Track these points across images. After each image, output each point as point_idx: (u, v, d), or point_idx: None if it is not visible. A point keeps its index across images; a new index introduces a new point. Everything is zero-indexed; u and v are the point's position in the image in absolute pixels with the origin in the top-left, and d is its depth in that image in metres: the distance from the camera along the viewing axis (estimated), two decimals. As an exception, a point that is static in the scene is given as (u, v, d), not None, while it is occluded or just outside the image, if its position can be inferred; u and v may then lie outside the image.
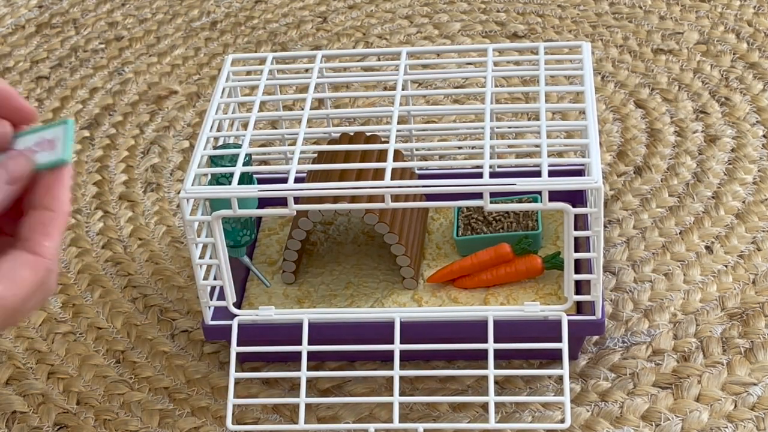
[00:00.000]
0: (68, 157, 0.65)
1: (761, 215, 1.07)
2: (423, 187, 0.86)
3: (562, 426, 0.84)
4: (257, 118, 0.93)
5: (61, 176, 0.65)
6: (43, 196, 0.65)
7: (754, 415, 0.89)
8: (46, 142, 0.66)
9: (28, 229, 0.64)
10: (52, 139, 0.66)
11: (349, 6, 1.44)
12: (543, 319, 0.89)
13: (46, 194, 0.65)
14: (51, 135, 0.66)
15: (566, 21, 1.37)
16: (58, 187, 0.65)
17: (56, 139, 0.66)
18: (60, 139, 0.65)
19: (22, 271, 0.63)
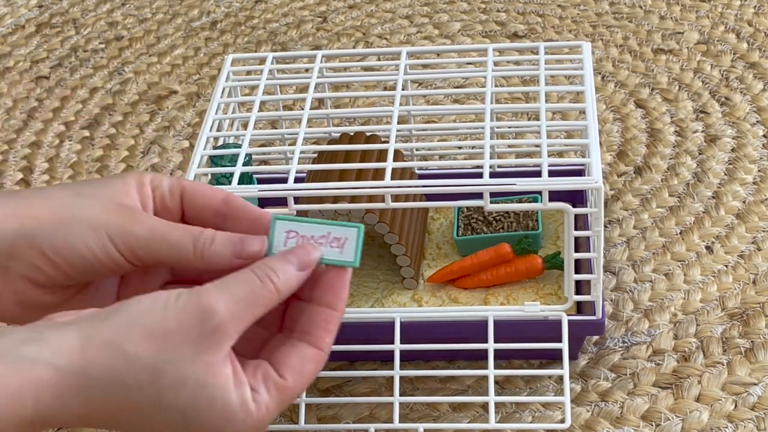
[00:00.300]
0: (357, 263, 0.69)
1: (761, 215, 1.07)
2: (423, 187, 0.86)
3: (562, 426, 0.84)
4: (257, 118, 0.93)
5: (345, 277, 0.69)
6: (327, 293, 0.69)
7: (755, 415, 0.89)
8: (333, 239, 0.70)
9: (310, 323, 0.69)
10: (341, 238, 0.70)
11: (349, 6, 1.44)
12: (543, 319, 0.89)
13: (329, 292, 0.69)
14: (339, 233, 0.70)
15: (566, 21, 1.37)
16: (340, 287, 0.69)
17: (345, 240, 0.70)
18: (350, 242, 0.70)
19: (309, 365, 0.68)
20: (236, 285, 0.66)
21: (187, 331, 0.64)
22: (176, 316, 0.65)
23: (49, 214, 0.72)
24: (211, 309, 0.65)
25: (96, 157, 1.23)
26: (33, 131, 1.27)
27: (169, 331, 0.64)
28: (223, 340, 0.65)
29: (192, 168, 0.88)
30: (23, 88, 1.35)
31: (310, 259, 0.69)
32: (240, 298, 0.66)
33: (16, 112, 1.31)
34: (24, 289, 0.73)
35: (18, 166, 1.23)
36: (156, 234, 0.71)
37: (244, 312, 0.66)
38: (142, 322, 0.65)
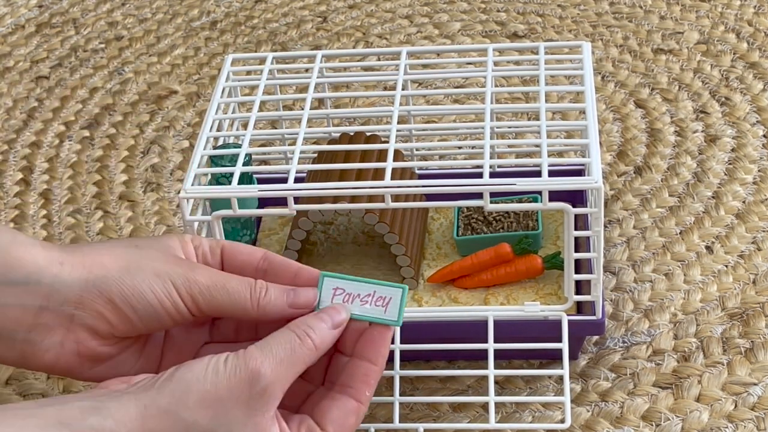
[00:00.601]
0: (400, 323, 0.74)
1: (761, 215, 1.07)
2: (423, 187, 0.86)
3: (563, 426, 0.84)
4: (257, 117, 0.93)
5: (387, 335, 0.74)
6: (368, 349, 0.74)
7: (755, 415, 0.89)
8: (378, 298, 0.74)
9: (351, 376, 0.74)
10: (385, 297, 0.74)
11: (349, 6, 1.44)
12: (543, 319, 0.89)
13: (371, 348, 0.74)
14: (384, 293, 0.74)
15: (566, 21, 1.37)
16: (382, 344, 0.74)
17: (390, 300, 0.74)
18: (394, 301, 0.74)
19: (350, 417, 0.73)
20: (278, 345, 0.71)
21: (238, 395, 0.69)
22: (227, 382, 0.69)
23: (115, 262, 0.75)
24: (257, 373, 0.70)
25: (96, 157, 1.23)
26: (33, 131, 1.27)
27: (221, 397, 0.69)
28: (270, 401, 0.70)
29: (192, 168, 0.88)
30: (23, 88, 1.35)
31: (341, 319, 0.74)
32: (282, 359, 0.71)
33: (16, 112, 1.31)
34: (85, 339, 0.76)
35: (18, 166, 1.23)
36: (216, 282, 0.75)
37: (288, 371, 0.71)
38: (197, 389, 0.69)
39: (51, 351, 0.75)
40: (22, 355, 0.76)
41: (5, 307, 0.75)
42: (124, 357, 0.77)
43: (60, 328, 0.75)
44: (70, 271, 0.75)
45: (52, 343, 0.75)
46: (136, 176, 1.20)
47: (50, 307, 0.75)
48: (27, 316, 0.75)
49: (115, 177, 1.20)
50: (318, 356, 0.73)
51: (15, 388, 0.97)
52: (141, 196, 1.17)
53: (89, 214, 1.15)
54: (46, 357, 0.76)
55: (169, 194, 1.17)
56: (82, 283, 0.75)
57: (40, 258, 0.75)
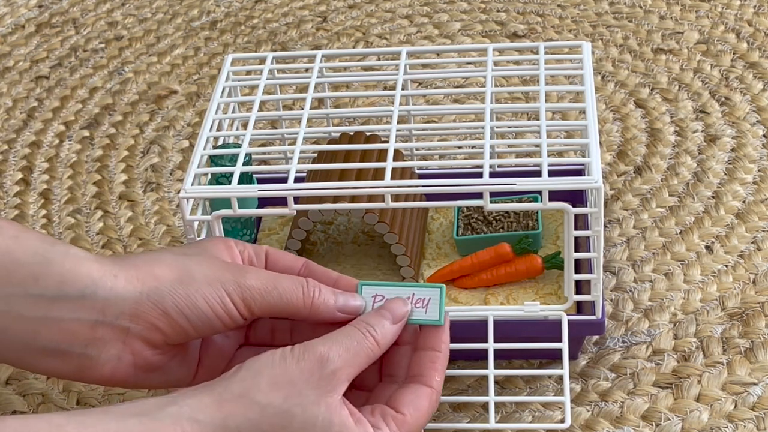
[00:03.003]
0: (442, 321, 0.77)
1: (761, 215, 1.07)
2: (423, 187, 0.86)
3: (562, 426, 0.84)
4: (257, 117, 0.93)
5: (444, 327, 0.78)
6: (430, 339, 0.77)
7: (755, 415, 0.89)
8: (417, 300, 0.77)
9: (421, 366, 0.76)
10: (424, 298, 0.77)
11: (349, 6, 1.44)
12: (543, 319, 0.89)
13: (432, 338, 0.77)
14: (423, 294, 0.77)
15: (566, 21, 1.37)
16: (443, 332, 0.78)
17: (429, 300, 0.77)
18: (433, 301, 0.77)
19: (422, 400, 0.75)
20: (343, 337, 0.73)
21: (309, 376, 0.71)
22: (297, 365, 0.72)
23: (168, 273, 0.76)
24: (326, 356, 0.72)
25: (96, 157, 1.23)
26: (33, 131, 1.27)
27: (292, 379, 0.71)
28: (339, 385, 0.72)
29: (192, 168, 0.88)
30: (23, 88, 1.35)
31: (403, 312, 0.77)
32: (348, 348, 0.73)
33: (16, 112, 1.31)
34: (141, 350, 0.77)
35: (18, 166, 1.23)
36: (268, 284, 0.76)
37: (354, 360, 0.73)
38: (268, 373, 0.71)
39: (109, 364, 0.76)
40: (79, 369, 0.77)
41: (61, 322, 0.75)
42: (173, 364, 0.78)
43: (116, 341, 0.76)
44: (124, 284, 0.75)
45: (110, 356, 0.76)
46: (136, 176, 1.20)
47: (106, 321, 0.75)
48: (83, 331, 0.75)
49: (115, 177, 1.20)
50: (381, 352, 0.75)
51: (15, 387, 0.97)
52: (141, 196, 1.17)
53: (89, 214, 1.15)
54: (104, 370, 0.76)
55: (169, 194, 1.17)
56: (136, 296, 0.75)
57: (95, 271, 0.75)
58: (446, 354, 0.77)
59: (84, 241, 1.12)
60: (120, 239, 1.12)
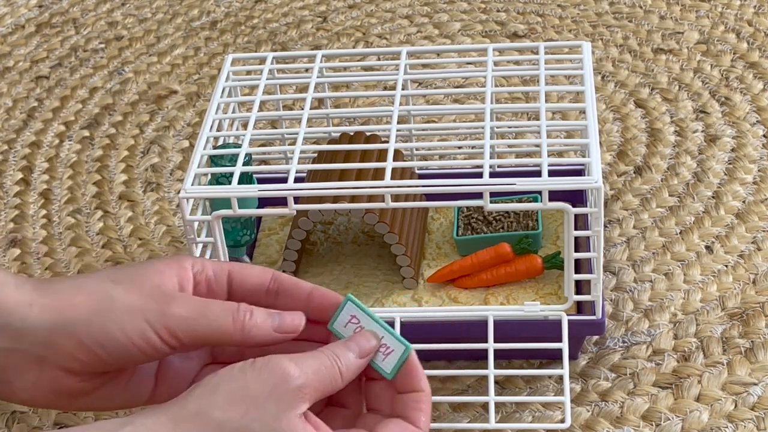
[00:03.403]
0: (392, 377, 0.73)
1: (761, 215, 1.07)
2: (423, 187, 0.86)
3: (563, 426, 0.84)
4: (257, 117, 0.93)
5: (414, 361, 0.73)
6: (409, 381, 0.73)
7: (755, 415, 0.89)
8: (384, 345, 0.73)
9: (406, 406, 0.72)
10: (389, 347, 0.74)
11: (349, 6, 1.44)
12: (543, 319, 0.89)
13: (410, 380, 0.73)
14: (390, 343, 0.74)
15: (566, 21, 1.37)
16: (416, 371, 0.73)
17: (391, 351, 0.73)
18: (394, 354, 0.73)
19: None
20: (310, 358, 0.70)
21: (271, 390, 0.68)
22: (257, 378, 0.68)
23: (85, 302, 0.74)
24: (290, 372, 0.69)
25: (96, 157, 1.23)
26: (33, 131, 1.27)
27: (252, 393, 0.68)
28: (302, 402, 0.69)
29: (192, 168, 0.88)
30: (23, 88, 1.34)
31: (370, 347, 0.73)
32: (316, 370, 0.70)
33: (16, 112, 1.31)
34: (59, 378, 0.74)
35: (18, 166, 1.23)
36: (195, 311, 0.73)
37: (319, 384, 0.70)
38: (225, 389, 0.68)
39: (26, 390, 0.75)
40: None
41: None
42: (108, 389, 0.76)
43: (32, 368, 0.74)
44: (38, 313, 0.73)
45: (26, 382, 0.74)
46: (136, 176, 1.20)
47: (20, 348, 0.73)
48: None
49: (115, 177, 1.20)
50: (343, 384, 0.72)
51: (15, 388, 0.97)
52: (141, 196, 1.16)
53: (89, 214, 1.15)
54: (22, 395, 0.75)
55: (169, 194, 1.17)
56: (50, 326, 0.73)
57: (11, 300, 0.74)
58: (429, 391, 0.74)
59: (84, 241, 1.12)
60: (120, 239, 1.12)
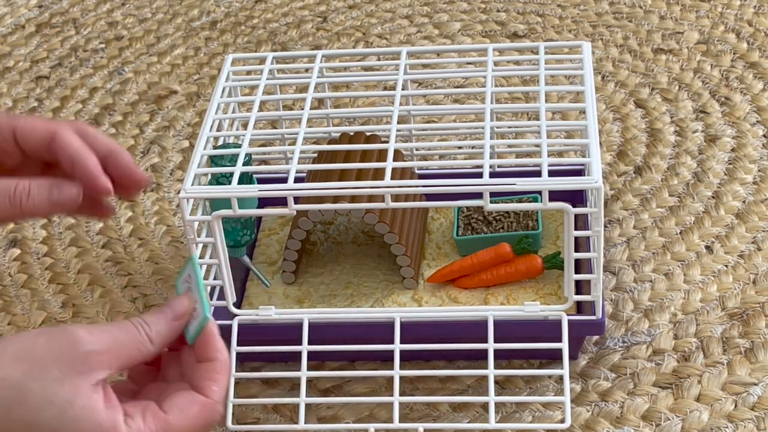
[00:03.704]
0: (209, 318, 0.74)
1: (761, 215, 1.07)
2: (423, 187, 0.86)
3: (563, 426, 0.84)
4: (257, 117, 0.93)
5: (211, 331, 0.74)
6: (203, 351, 0.74)
7: (755, 415, 0.89)
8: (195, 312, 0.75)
9: (199, 377, 0.73)
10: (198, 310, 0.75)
11: (349, 6, 1.44)
12: (543, 319, 0.89)
13: (205, 349, 0.74)
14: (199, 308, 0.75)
15: (566, 21, 1.37)
16: (212, 340, 0.74)
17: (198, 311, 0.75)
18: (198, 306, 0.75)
19: (194, 407, 0.72)
20: (112, 327, 0.72)
21: (57, 355, 0.69)
22: (48, 342, 0.69)
23: None
24: (80, 338, 0.69)
25: (96, 157, 1.22)
26: (33, 131, 1.27)
27: (38, 355, 0.69)
28: (94, 368, 0.69)
29: (192, 168, 0.88)
30: (23, 88, 1.34)
31: (183, 308, 0.74)
32: (116, 338, 0.71)
33: (16, 112, 1.31)
34: None
35: (18, 166, 1.22)
36: None
37: (120, 351, 0.71)
38: (13, 348, 0.69)
39: None
40: None
41: None
42: None
43: None
44: None
45: None
46: (136, 176, 1.19)
47: None
48: None
49: (115, 177, 1.20)
50: (155, 349, 0.73)
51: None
52: (141, 196, 1.16)
53: (89, 214, 1.15)
54: None
55: (169, 194, 1.17)
56: None
57: None
58: (225, 360, 0.74)
59: (84, 241, 1.12)
60: (120, 239, 1.12)
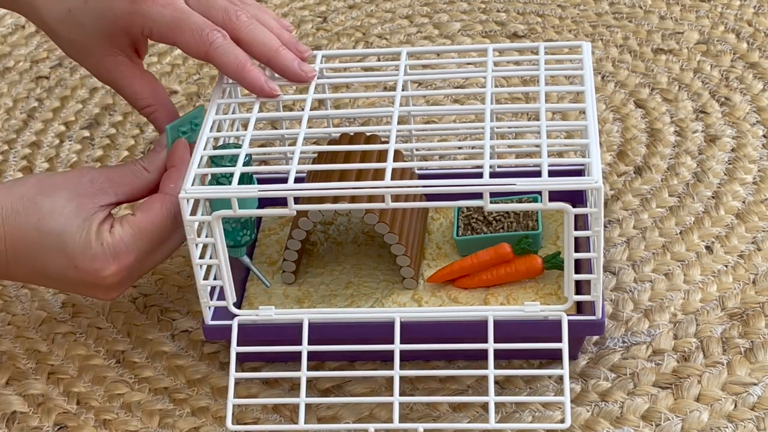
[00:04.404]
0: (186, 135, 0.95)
1: (761, 215, 1.07)
2: (423, 187, 0.86)
3: (562, 426, 0.84)
4: (257, 118, 0.93)
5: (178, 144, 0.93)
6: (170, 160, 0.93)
7: (755, 415, 0.89)
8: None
9: (162, 181, 0.91)
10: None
11: (349, 6, 1.44)
12: (543, 319, 0.89)
13: (171, 158, 0.93)
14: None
15: (566, 21, 1.37)
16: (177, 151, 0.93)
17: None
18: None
19: (155, 203, 0.89)
20: (113, 166, 0.93)
21: (67, 183, 0.89)
22: (61, 175, 0.90)
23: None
24: (87, 172, 0.91)
25: (96, 157, 1.23)
26: (33, 131, 1.27)
27: (54, 183, 0.89)
28: (99, 194, 0.89)
29: (192, 168, 0.88)
30: (23, 88, 1.35)
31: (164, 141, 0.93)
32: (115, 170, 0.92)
33: (16, 112, 1.31)
34: None
35: (18, 166, 1.23)
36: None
37: (120, 179, 0.91)
38: (36, 178, 0.90)
39: None
40: None
41: None
42: None
43: None
44: None
45: None
46: (136, 176, 1.19)
47: None
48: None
49: (115, 177, 1.20)
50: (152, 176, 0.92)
51: (15, 388, 0.97)
52: (141, 196, 1.16)
53: (89, 214, 1.15)
54: None
55: (169, 194, 1.16)
56: None
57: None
58: (182, 164, 0.91)
59: (84, 241, 1.12)
60: (120, 239, 1.12)
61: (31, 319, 1.04)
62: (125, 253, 0.88)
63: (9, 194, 0.88)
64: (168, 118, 0.97)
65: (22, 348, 1.01)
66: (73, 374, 0.98)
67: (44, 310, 1.04)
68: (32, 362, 1.00)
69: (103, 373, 0.98)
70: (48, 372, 0.99)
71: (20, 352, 1.01)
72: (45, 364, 0.99)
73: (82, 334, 1.02)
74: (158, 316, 1.03)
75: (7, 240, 0.88)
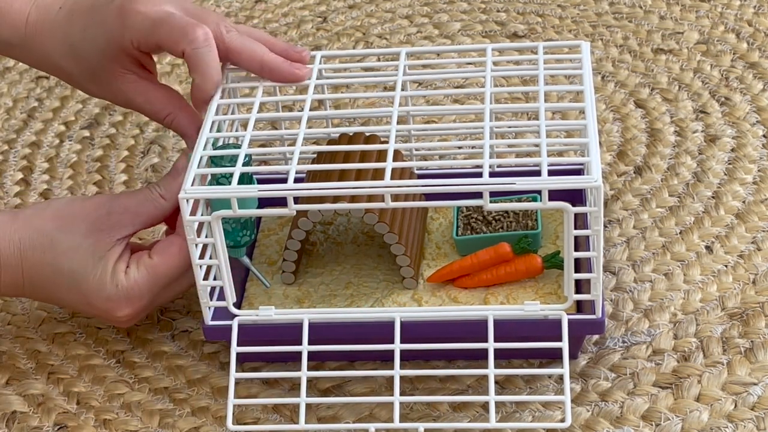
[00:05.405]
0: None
1: (761, 215, 1.07)
2: (423, 187, 0.86)
3: (563, 425, 0.84)
4: (257, 118, 0.93)
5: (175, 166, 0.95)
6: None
7: (755, 415, 0.89)
8: None
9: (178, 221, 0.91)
10: None
11: (349, 6, 1.44)
12: (543, 319, 0.89)
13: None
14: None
15: (566, 21, 1.37)
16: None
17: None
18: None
19: (172, 247, 0.90)
20: (129, 194, 0.92)
21: (87, 215, 0.89)
22: (80, 205, 0.90)
23: None
24: (106, 202, 0.91)
25: (96, 157, 1.23)
26: (33, 131, 1.27)
27: (73, 213, 0.90)
28: (115, 226, 0.90)
29: (192, 168, 0.88)
30: (23, 88, 1.35)
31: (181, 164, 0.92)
32: (133, 200, 0.91)
33: (16, 112, 1.31)
34: None
35: (18, 166, 1.23)
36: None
37: (137, 209, 0.91)
38: (53, 207, 0.91)
39: None
40: None
41: None
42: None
43: None
44: None
45: None
46: (136, 176, 1.20)
47: None
48: None
49: (115, 177, 1.20)
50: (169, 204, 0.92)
51: (15, 388, 0.97)
52: (141, 197, 1.16)
53: (89, 215, 1.15)
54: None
55: (169, 194, 1.16)
56: None
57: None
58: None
59: (84, 241, 1.12)
60: (120, 239, 1.12)
61: (31, 319, 1.04)
62: (138, 297, 0.90)
63: (28, 226, 0.90)
64: (189, 120, 0.96)
65: (22, 348, 1.01)
66: (73, 374, 0.98)
67: (44, 310, 1.04)
68: (32, 362, 1.00)
69: (103, 373, 0.98)
70: (48, 372, 0.99)
71: (20, 352, 1.01)
72: (45, 364, 0.99)
73: (81, 334, 1.02)
74: (158, 316, 1.03)
75: (25, 273, 0.90)
